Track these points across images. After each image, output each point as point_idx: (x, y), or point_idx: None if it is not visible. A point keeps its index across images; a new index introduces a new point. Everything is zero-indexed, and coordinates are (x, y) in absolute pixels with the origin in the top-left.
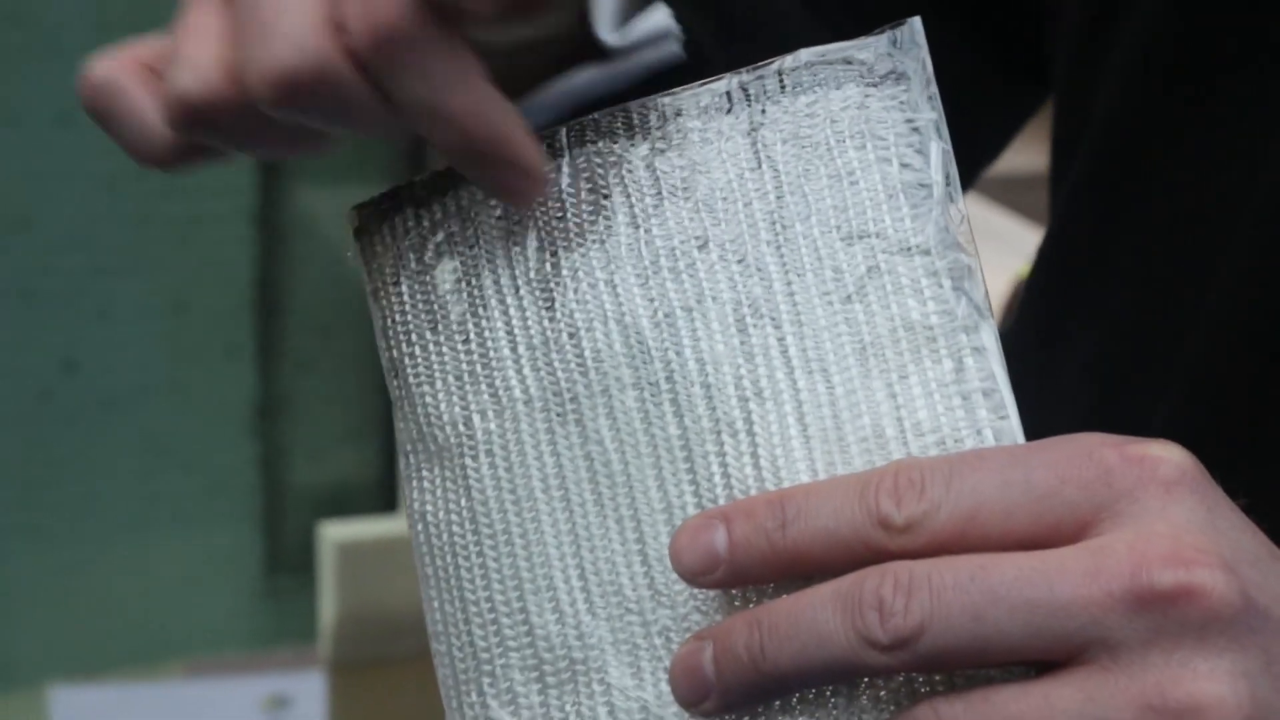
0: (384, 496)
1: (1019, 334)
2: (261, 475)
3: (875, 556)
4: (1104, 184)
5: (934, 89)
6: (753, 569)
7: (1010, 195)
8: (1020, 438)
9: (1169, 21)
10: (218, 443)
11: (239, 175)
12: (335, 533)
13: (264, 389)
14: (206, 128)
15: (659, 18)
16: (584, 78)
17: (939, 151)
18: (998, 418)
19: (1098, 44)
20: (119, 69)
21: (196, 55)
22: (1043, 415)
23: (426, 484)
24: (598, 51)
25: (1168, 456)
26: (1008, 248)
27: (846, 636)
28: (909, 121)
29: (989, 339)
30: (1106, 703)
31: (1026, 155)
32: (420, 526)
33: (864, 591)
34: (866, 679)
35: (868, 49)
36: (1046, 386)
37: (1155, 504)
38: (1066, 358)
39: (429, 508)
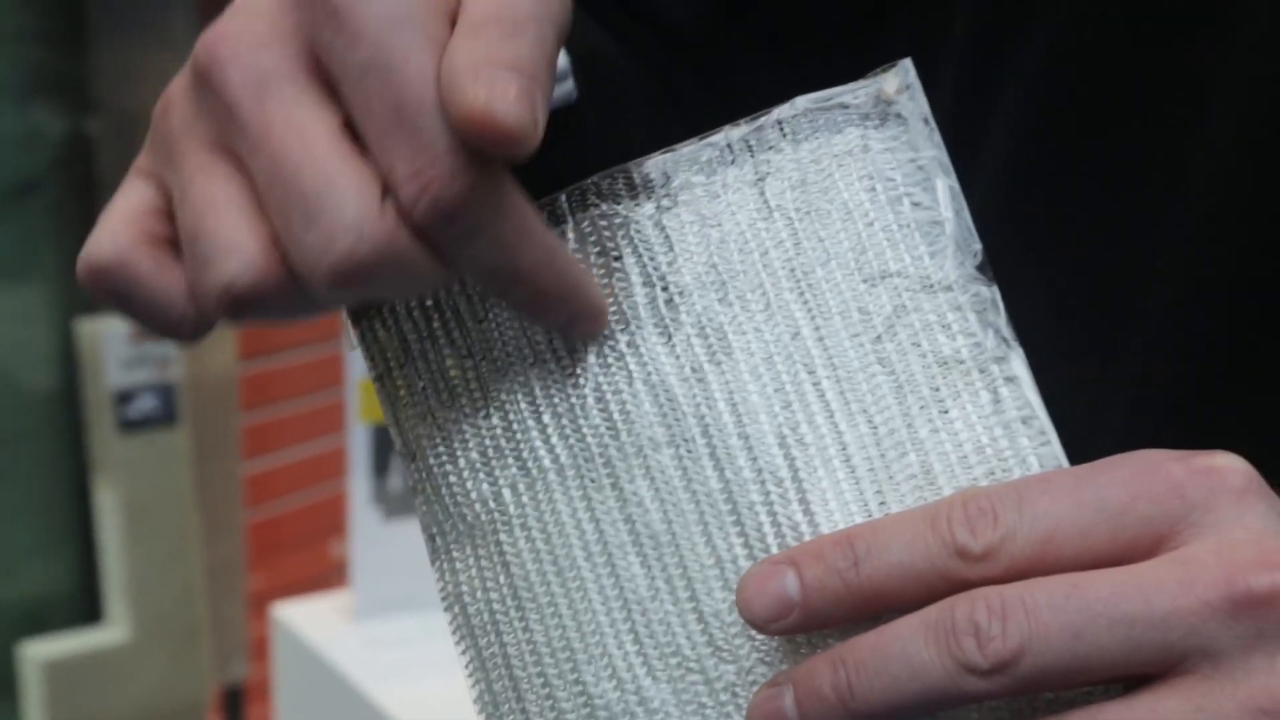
0: (86, 608)
1: None
2: None
3: (953, 588)
4: (1005, 224)
5: (933, 126)
6: (827, 610)
7: None
8: (1064, 461)
9: (1063, 66)
10: None
11: None
12: (39, 651)
13: None
14: (255, 313)
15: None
16: None
17: (945, 188)
18: (1040, 444)
19: (986, 84)
20: (125, 249)
21: (232, 238)
22: None
23: (459, 565)
24: None
25: (1234, 466)
26: None
27: (943, 665)
28: (913, 160)
29: (1019, 367)
30: (1216, 710)
31: None
32: (457, 609)
33: (956, 618)
34: (957, 708)
35: (861, 93)
36: None
37: (1230, 513)
38: None
39: (464, 588)
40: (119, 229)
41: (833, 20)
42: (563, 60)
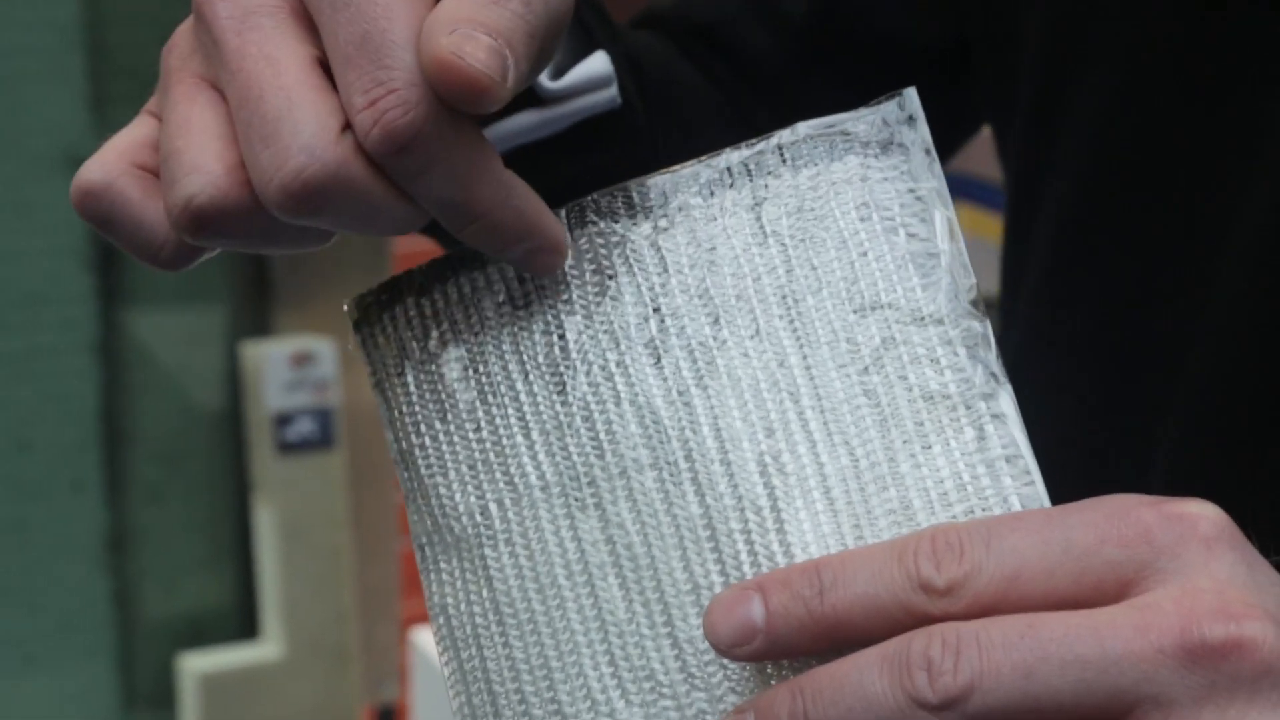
0: (244, 623)
1: None
2: (114, 610)
3: (915, 621)
4: (1059, 277)
5: (934, 156)
6: (791, 638)
7: None
8: (1046, 502)
9: (1119, 114)
10: (67, 580)
11: (76, 307)
12: (197, 664)
13: (113, 522)
14: (217, 234)
15: (598, 64)
16: (520, 122)
17: (943, 220)
18: (1023, 484)
19: (1046, 134)
20: (114, 173)
21: (200, 159)
22: None
23: (445, 576)
24: (533, 96)
25: (1205, 514)
26: None
27: (895, 698)
28: (911, 191)
29: (1007, 404)
30: None
31: None
32: (442, 619)
33: (911, 652)
34: None
35: (863, 121)
36: None
37: (1197, 560)
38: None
39: (449, 600)
40: (110, 157)
41: (915, 74)
42: (605, 67)
